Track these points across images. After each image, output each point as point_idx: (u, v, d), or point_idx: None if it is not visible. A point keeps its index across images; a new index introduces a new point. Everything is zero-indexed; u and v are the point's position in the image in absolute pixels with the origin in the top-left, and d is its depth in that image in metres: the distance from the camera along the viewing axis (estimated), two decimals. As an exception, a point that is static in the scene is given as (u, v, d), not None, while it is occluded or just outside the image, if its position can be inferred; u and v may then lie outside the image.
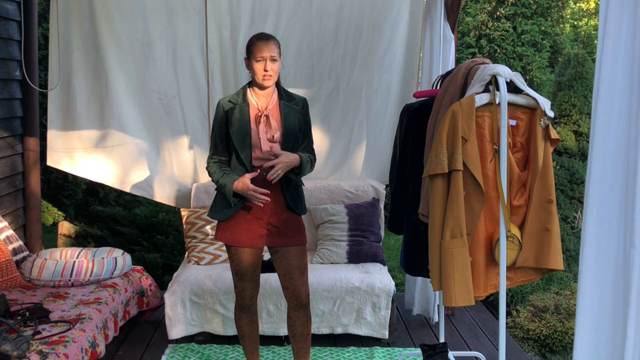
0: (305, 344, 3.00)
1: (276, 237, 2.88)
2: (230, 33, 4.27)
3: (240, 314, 3.00)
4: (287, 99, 2.87)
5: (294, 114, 2.85)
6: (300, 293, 2.92)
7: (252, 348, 3.07)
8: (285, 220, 2.88)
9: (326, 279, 3.68)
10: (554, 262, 2.63)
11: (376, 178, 4.47)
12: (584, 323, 1.94)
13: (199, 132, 4.41)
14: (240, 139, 2.78)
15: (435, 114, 2.80)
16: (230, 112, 2.81)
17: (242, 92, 2.86)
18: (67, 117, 4.22)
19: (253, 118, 2.80)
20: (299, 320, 2.96)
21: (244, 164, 2.79)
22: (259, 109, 2.83)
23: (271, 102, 2.84)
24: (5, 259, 3.44)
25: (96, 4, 4.09)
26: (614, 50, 1.83)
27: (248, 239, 2.85)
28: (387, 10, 4.23)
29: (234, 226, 2.85)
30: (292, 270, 2.90)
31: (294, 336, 3.00)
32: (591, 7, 12.37)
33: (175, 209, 5.45)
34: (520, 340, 4.33)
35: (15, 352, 2.57)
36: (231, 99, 2.85)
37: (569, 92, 7.20)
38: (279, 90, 2.88)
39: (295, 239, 2.91)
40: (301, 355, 3.02)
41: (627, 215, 1.84)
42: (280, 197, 2.87)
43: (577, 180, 6.51)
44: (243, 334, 3.03)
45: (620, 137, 1.85)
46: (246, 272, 2.90)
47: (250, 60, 2.78)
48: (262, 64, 2.74)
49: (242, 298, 2.96)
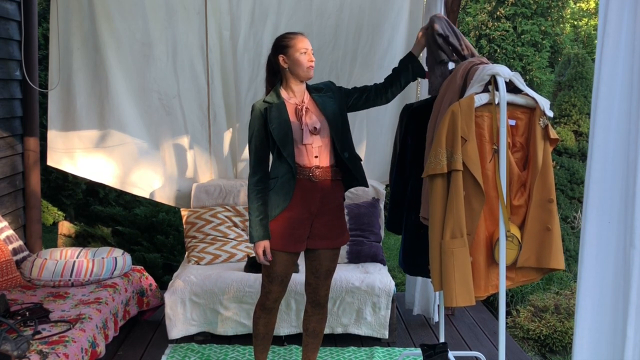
0: (316, 340, 3.04)
1: (317, 239, 2.86)
2: (230, 33, 4.27)
3: (261, 313, 2.97)
4: (316, 91, 2.89)
5: (329, 100, 2.87)
6: (321, 292, 2.95)
7: (262, 348, 3.06)
8: (332, 220, 2.86)
9: (326, 279, 3.68)
10: (556, 261, 2.63)
11: (376, 178, 4.46)
12: (584, 323, 1.94)
13: (199, 132, 4.41)
14: (281, 135, 2.76)
15: (434, 116, 2.80)
16: (268, 112, 2.79)
17: (275, 92, 2.85)
18: (67, 117, 4.22)
19: (292, 113, 2.80)
20: (314, 316, 3.01)
21: (287, 162, 2.76)
22: (296, 104, 2.83)
23: (305, 97, 2.86)
24: (5, 259, 3.45)
25: (96, 4, 4.09)
26: (614, 50, 1.83)
27: (289, 242, 2.82)
28: (387, 10, 4.23)
29: (275, 228, 2.80)
30: (321, 272, 2.92)
31: (306, 330, 3.04)
32: (591, 7, 12.37)
33: (175, 209, 5.45)
34: (520, 340, 4.33)
35: (15, 352, 2.57)
36: (265, 99, 2.84)
37: (569, 92, 7.20)
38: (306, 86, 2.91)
39: (336, 240, 2.90)
40: (309, 350, 3.06)
41: (627, 215, 1.84)
42: (333, 193, 2.85)
43: (577, 180, 6.51)
44: (258, 333, 3.01)
45: (620, 137, 1.85)
46: (279, 276, 2.86)
47: (292, 54, 2.77)
48: (306, 54, 2.77)
49: (267, 300, 2.93)
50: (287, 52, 2.79)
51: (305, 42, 2.79)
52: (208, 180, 4.45)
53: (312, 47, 2.85)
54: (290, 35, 2.80)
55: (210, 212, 4.13)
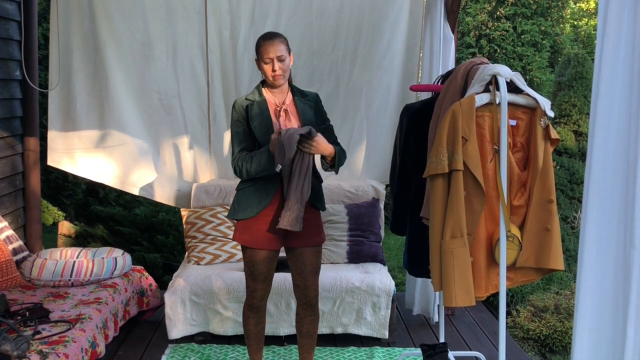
0: (311, 340, 3.04)
1: (294, 237, 2.87)
2: (230, 33, 4.27)
3: (249, 313, 2.99)
4: (300, 95, 2.90)
5: (309, 108, 2.88)
6: (310, 293, 2.94)
7: (256, 348, 3.07)
8: (305, 219, 2.85)
9: (326, 279, 3.68)
10: (555, 262, 2.63)
11: (376, 178, 4.47)
12: (584, 323, 1.94)
13: (199, 132, 4.41)
14: (263, 133, 2.77)
15: (436, 117, 2.80)
16: (249, 109, 2.81)
17: (257, 90, 2.88)
18: (67, 117, 4.22)
19: (273, 112, 2.82)
20: (306, 318, 3.00)
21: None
22: (276, 104, 2.84)
23: (287, 99, 2.87)
24: (5, 259, 3.44)
25: (96, 4, 4.09)
26: (613, 50, 1.83)
27: (266, 240, 2.84)
28: (387, 10, 4.23)
29: (254, 227, 2.83)
30: (306, 271, 2.92)
31: (300, 332, 3.03)
32: (591, 7, 12.37)
33: (175, 209, 5.45)
34: (520, 340, 4.33)
35: (15, 352, 2.57)
36: (247, 97, 2.86)
37: (569, 92, 7.20)
38: (292, 87, 2.91)
39: (313, 238, 2.91)
40: (305, 351, 3.06)
41: (627, 215, 1.84)
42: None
43: (577, 180, 6.51)
44: (249, 333, 3.03)
45: (620, 137, 1.85)
46: (260, 273, 2.88)
47: (260, 61, 2.79)
48: (270, 65, 2.75)
49: (253, 298, 2.94)
50: (258, 58, 2.81)
51: (271, 51, 2.72)
52: (208, 180, 4.45)
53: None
54: (261, 42, 2.77)
55: (210, 212, 4.13)
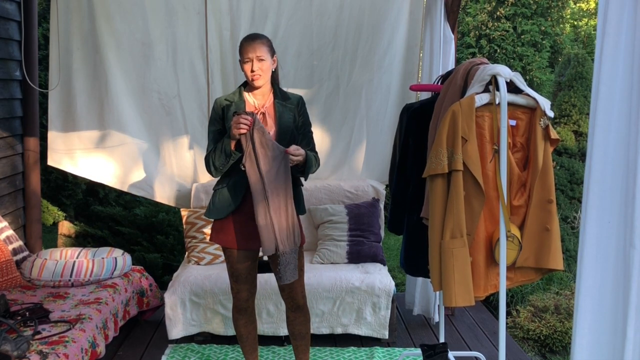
0: (304, 341, 3.03)
1: None
2: (230, 33, 4.27)
3: (238, 315, 3.00)
4: (282, 98, 2.88)
5: (288, 112, 2.85)
6: (297, 294, 2.93)
7: (250, 349, 3.08)
8: None
9: (326, 279, 3.68)
10: (554, 262, 2.63)
11: (376, 178, 4.47)
12: (584, 323, 1.94)
13: (199, 132, 4.41)
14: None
15: (436, 117, 2.80)
16: (226, 109, 2.82)
17: (238, 91, 2.88)
18: (67, 117, 4.22)
19: None
20: (296, 320, 2.99)
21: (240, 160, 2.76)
22: (255, 107, 2.84)
23: (268, 101, 2.85)
24: (5, 259, 3.44)
25: (96, 4, 4.09)
26: (613, 50, 1.83)
27: (243, 240, 2.84)
28: (387, 10, 4.23)
29: (228, 227, 2.84)
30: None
31: (292, 334, 3.03)
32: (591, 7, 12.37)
33: (175, 209, 5.45)
34: (520, 340, 4.33)
35: (15, 352, 2.57)
36: (227, 97, 2.87)
37: (569, 92, 7.20)
38: (275, 89, 2.89)
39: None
40: (300, 352, 3.05)
41: (627, 215, 1.83)
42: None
43: (577, 180, 6.51)
44: (241, 335, 3.04)
45: (620, 137, 1.85)
46: (241, 274, 2.89)
47: (240, 61, 2.80)
48: (249, 64, 2.74)
49: (238, 300, 2.95)
50: (239, 58, 2.81)
51: (250, 50, 2.72)
52: (208, 180, 4.45)
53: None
54: (243, 42, 2.77)
55: (210, 212, 4.13)
